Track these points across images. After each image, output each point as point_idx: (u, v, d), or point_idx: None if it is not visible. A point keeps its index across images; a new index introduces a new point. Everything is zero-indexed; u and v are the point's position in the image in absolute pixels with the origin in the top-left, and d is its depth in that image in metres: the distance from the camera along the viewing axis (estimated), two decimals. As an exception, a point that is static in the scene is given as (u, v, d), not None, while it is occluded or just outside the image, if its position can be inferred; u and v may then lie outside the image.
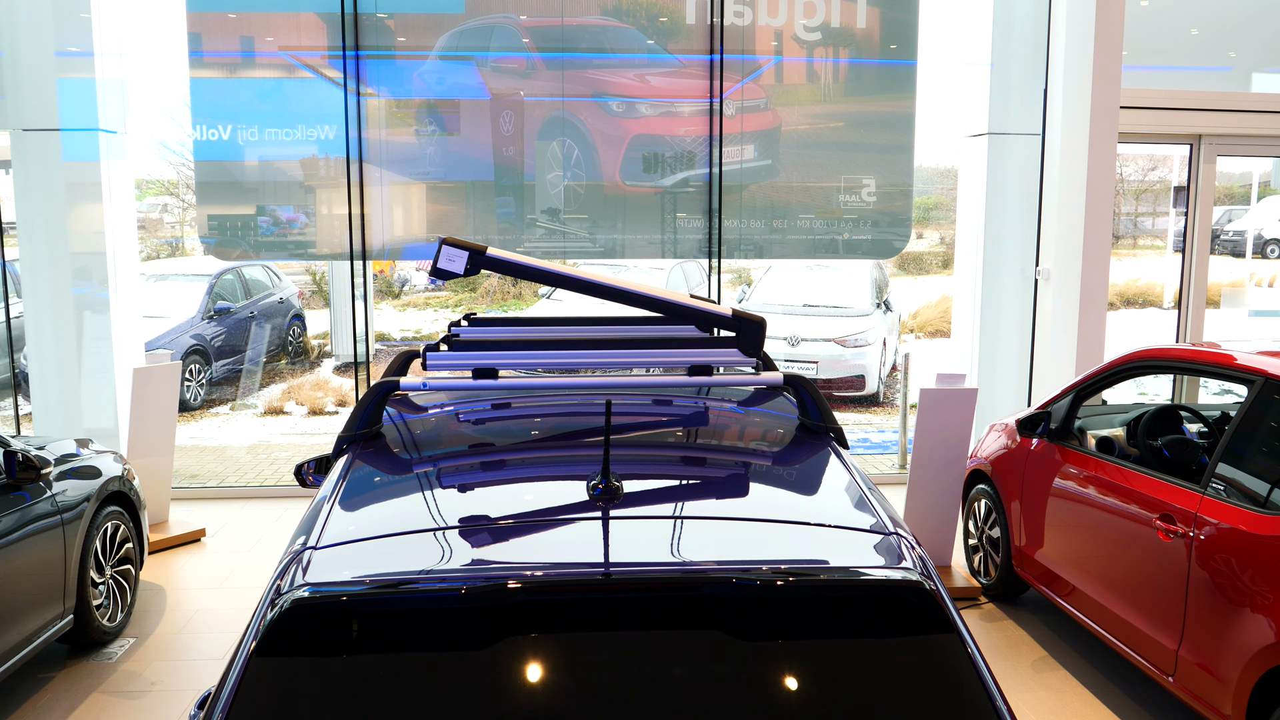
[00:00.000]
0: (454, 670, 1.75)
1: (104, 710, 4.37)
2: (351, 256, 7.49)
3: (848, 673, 1.79)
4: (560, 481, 2.28)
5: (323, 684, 1.74)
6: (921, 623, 1.82)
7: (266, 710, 1.71)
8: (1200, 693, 3.73)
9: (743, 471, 2.41)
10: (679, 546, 1.95)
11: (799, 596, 1.81)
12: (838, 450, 2.47)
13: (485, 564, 1.87)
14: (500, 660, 1.73)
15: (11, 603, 4.17)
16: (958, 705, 1.77)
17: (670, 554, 1.93)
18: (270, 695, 1.72)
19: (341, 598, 1.78)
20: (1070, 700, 4.46)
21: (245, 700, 1.70)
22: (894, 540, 1.99)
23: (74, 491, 4.72)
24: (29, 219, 7.25)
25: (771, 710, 1.74)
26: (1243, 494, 3.72)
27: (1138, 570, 4.16)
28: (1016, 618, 5.34)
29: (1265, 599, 3.44)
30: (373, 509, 2.17)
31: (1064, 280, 7.39)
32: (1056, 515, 4.84)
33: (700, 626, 1.79)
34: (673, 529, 2.02)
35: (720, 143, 7.45)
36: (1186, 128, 7.93)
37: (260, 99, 7.35)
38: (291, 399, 11.53)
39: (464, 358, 2.60)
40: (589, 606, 1.79)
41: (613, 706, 1.73)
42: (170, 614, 5.39)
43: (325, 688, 1.74)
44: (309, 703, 1.73)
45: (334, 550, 1.92)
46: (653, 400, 2.91)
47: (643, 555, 1.91)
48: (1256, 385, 3.88)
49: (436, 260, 2.53)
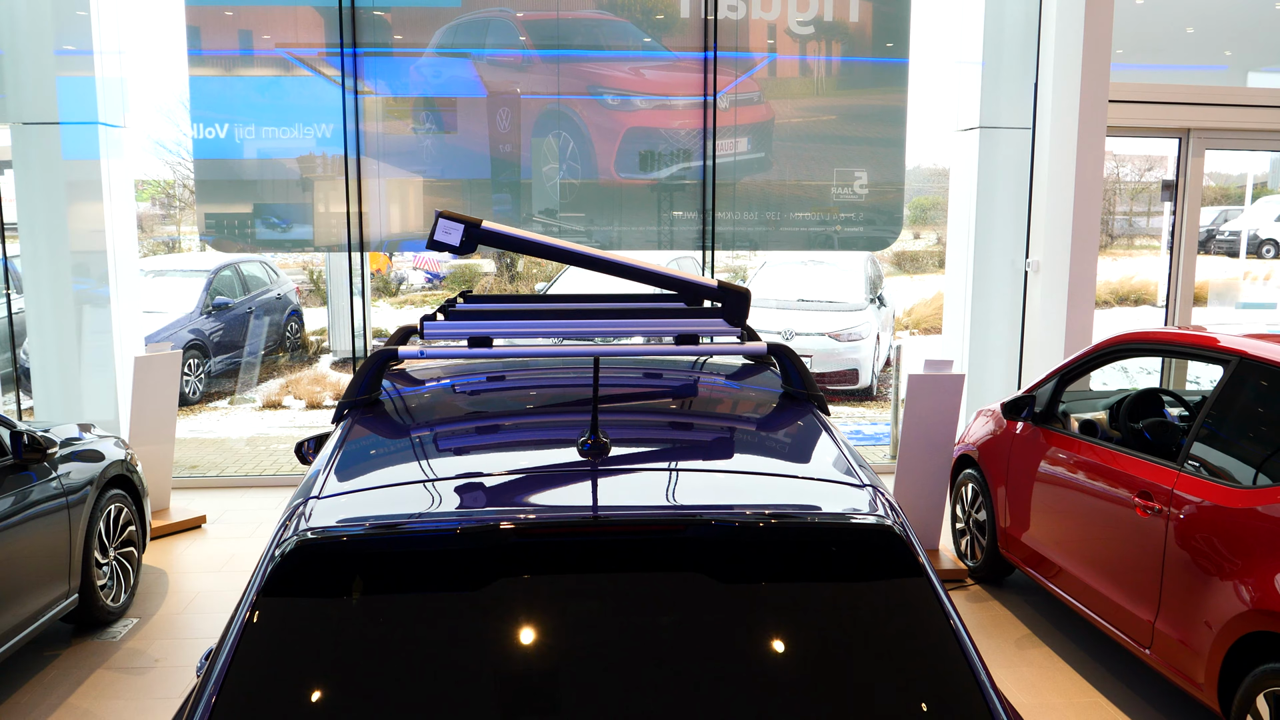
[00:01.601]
0: (450, 610, 1.85)
1: (109, 685, 4.47)
2: (350, 247, 7.59)
3: (821, 613, 1.89)
4: (551, 440, 2.39)
5: (325, 623, 1.84)
6: (891, 566, 1.93)
7: (272, 647, 1.81)
8: (1176, 663, 3.84)
9: (726, 432, 2.52)
10: (663, 494, 2.06)
11: (775, 539, 1.92)
12: (819, 415, 2.58)
13: (480, 509, 1.98)
14: (493, 600, 1.84)
15: (18, 580, 4.27)
16: (926, 643, 1.87)
17: (655, 500, 2.03)
18: (275, 633, 1.82)
19: (343, 539, 1.88)
20: (1052, 675, 4.57)
21: (252, 638, 1.80)
22: (868, 491, 2.10)
23: (78, 474, 4.82)
24: (30, 215, 7.34)
25: (748, 648, 1.85)
26: (1217, 470, 3.83)
27: (1117, 547, 4.26)
28: (1002, 598, 5.45)
29: (1237, 570, 3.54)
30: (372, 465, 2.28)
31: (1053, 272, 7.50)
32: (1039, 496, 4.94)
33: (682, 569, 1.90)
34: (658, 480, 2.13)
35: (714, 136, 7.56)
36: (1175, 121, 8.05)
37: (258, 97, 7.45)
38: (290, 393, 11.63)
39: (460, 327, 2.70)
40: (578, 549, 1.90)
41: (599, 645, 1.84)
42: (172, 596, 5.49)
43: (327, 626, 1.84)
44: (312, 640, 1.83)
45: (335, 500, 2.02)
46: (643, 372, 3.02)
47: (629, 501, 2.02)
48: (1231, 365, 3.99)
49: (433, 233, 2.63)
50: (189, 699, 1.88)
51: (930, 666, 1.85)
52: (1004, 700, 1.87)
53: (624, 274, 2.71)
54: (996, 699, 1.83)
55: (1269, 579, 3.39)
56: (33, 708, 4.26)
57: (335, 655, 1.82)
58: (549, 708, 1.77)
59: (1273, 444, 3.79)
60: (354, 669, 1.80)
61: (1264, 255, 13.51)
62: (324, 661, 1.81)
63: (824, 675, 1.84)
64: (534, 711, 1.77)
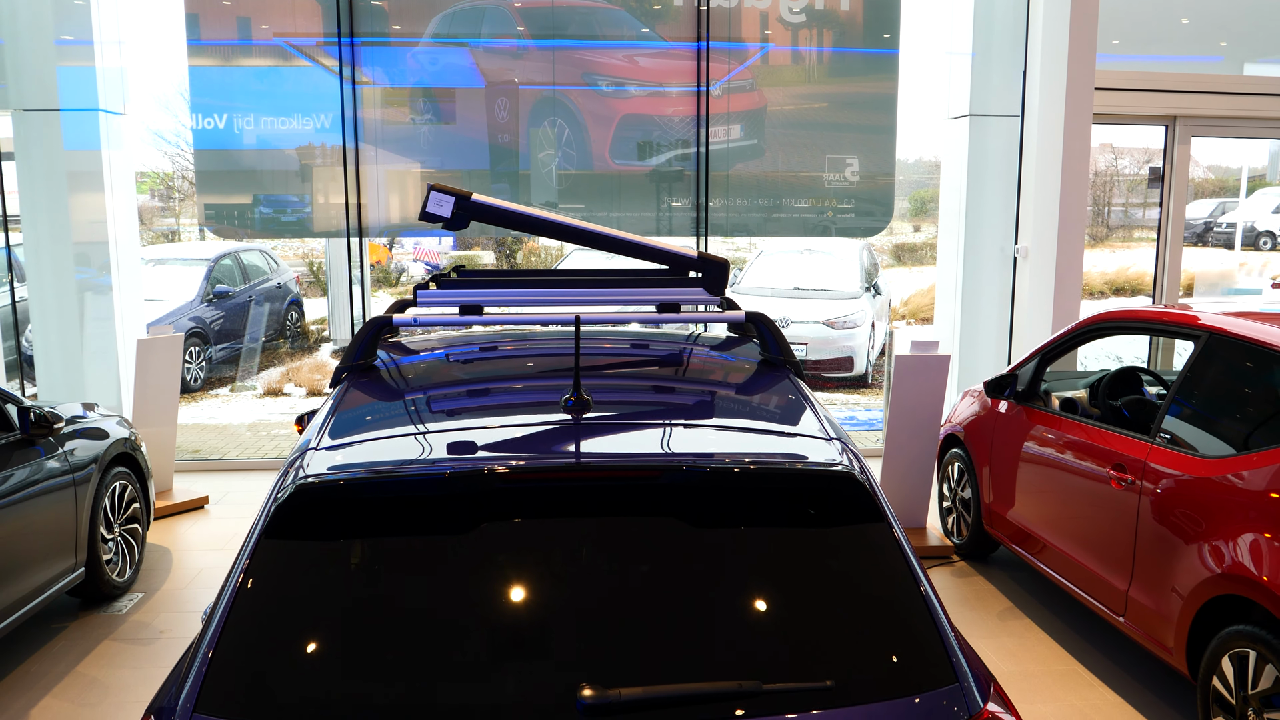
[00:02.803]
0: (440, 551, 1.98)
1: (116, 655, 4.60)
2: (349, 233, 7.71)
3: (788, 555, 2.02)
4: (536, 403, 2.52)
5: (322, 563, 1.97)
6: (854, 511, 2.06)
7: (272, 586, 1.94)
8: (1148, 629, 3.97)
9: (704, 395, 2.65)
10: (641, 445, 2.19)
11: (745, 484, 2.05)
12: (794, 380, 2.71)
13: (469, 457, 2.11)
14: (481, 542, 1.97)
15: (27, 553, 4.40)
16: (887, 583, 2.00)
17: (633, 449, 2.16)
18: (275, 573, 1.95)
19: (339, 483, 2.01)
20: (1031, 644, 4.70)
21: (254, 577, 1.93)
22: (835, 445, 2.23)
23: (84, 450, 4.94)
24: (32, 203, 7.45)
25: (719, 588, 1.98)
26: (1187, 442, 3.96)
27: (1093, 519, 4.39)
28: (986, 574, 5.58)
29: (1204, 538, 3.67)
30: (366, 423, 2.40)
31: (1041, 258, 7.62)
32: (1021, 472, 5.07)
33: (658, 514, 2.03)
34: (637, 433, 2.26)
35: (708, 123, 7.67)
36: (1161, 109, 8.16)
37: (257, 86, 7.56)
38: (290, 381, 11.76)
39: (452, 295, 2.83)
40: (560, 494, 2.03)
41: (579, 584, 1.97)
42: (176, 572, 5.62)
43: (325, 566, 1.97)
44: (310, 579, 1.96)
45: (332, 451, 2.15)
46: (628, 344, 3.14)
47: (609, 449, 2.15)
48: (1202, 340, 4.12)
49: (425, 204, 2.75)
50: (194, 641, 2.00)
51: (890, 604, 1.98)
52: (959, 635, 2.00)
53: (608, 245, 2.83)
54: (951, 633, 1.96)
55: (1233, 545, 3.52)
56: (42, 675, 4.40)
57: (332, 593, 1.95)
58: (533, 643, 1.90)
59: (1239, 416, 3.92)
60: (350, 606, 1.93)
61: (1261, 247, 13.55)
62: (321, 599, 1.94)
63: (790, 612, 1.97)
64: (519, 646, 1.90)
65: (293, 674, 1.85)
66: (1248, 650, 3.43)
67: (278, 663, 1.86)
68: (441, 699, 1.80)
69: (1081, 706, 4.14)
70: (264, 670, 1.85)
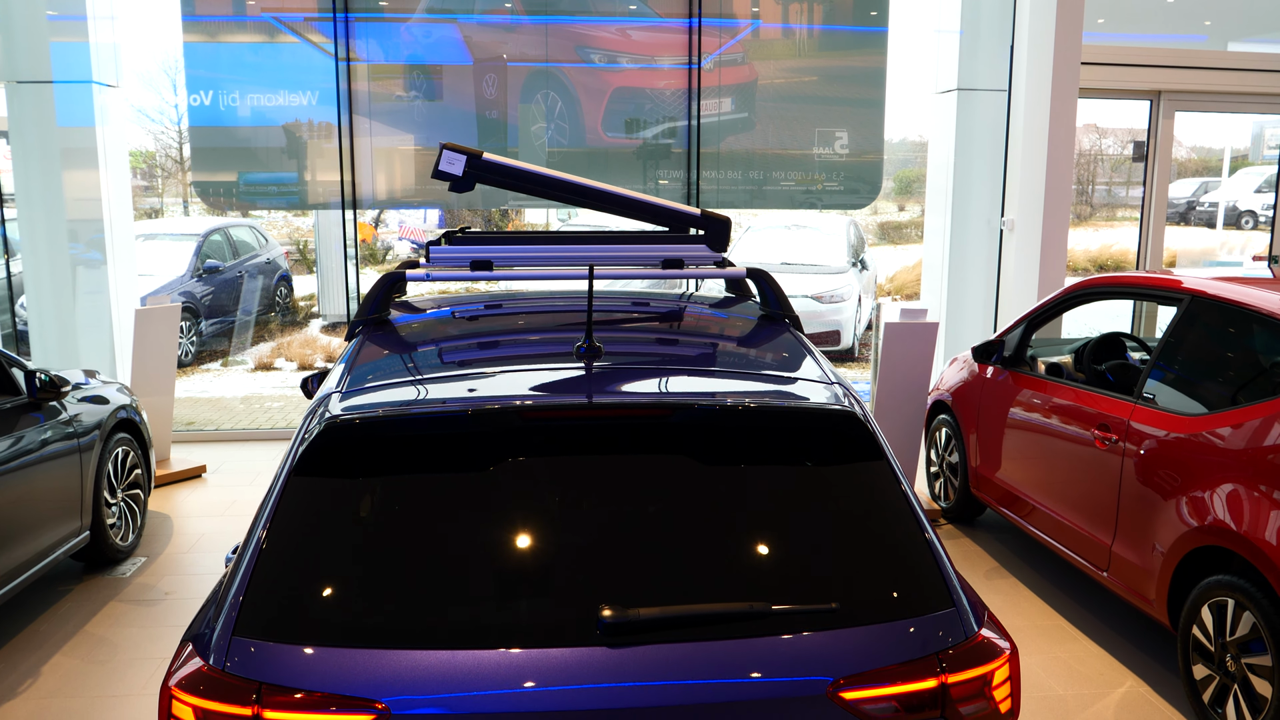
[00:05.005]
0: (464, 485, 2.08)
1: (122, 615, 4.69)
2: (343, 205, 7.75)
3: (793, 490, 2.13)
4: (548, 353, 2.61)
5: (350, 497, 2.07)
6: (856, 449, 2.16)
7: (302, 520, 2.03)
8: (1130, 583, 4.11)
9: (709, 346, 2.75)
10: (653, 388, 2.29)
11: (752, 423, 2.15)
12: (794, 333, 2.81)
13: (489, 395, 2.20)
14: (503, 476, 2.06)
15: (34, 515, 4.47)
16: (887, 516, 2.11)
17: (645, 391, 2.26)
18: (306, 508, 2.04)
19: (366, 421, 2.10)
20: (1016, 601, 4.84)
21: (285, 512, 2.02)
22: (837, 388, 2.33)
23: (88, 415, 5.00)
24: (26, 178, 7.45)
25: (727, 523, 2.08)
26: (1169, 401, 4.08)
27: (1079, 479, 4.53)
28: (973, 536, 5.73)
29: (1184, 492, 3.81)
30: (386, 368, 2.49)
31: (1027, 229, 7.74)
32: (1008, 435, 5.20)
33: (669, 452, 2.13)
34: (648, 377, 2.36)
35: (699, 97, 7.73)
36: (1146, 84, 8.28)
37: (250, 62, 7.58)
38: (281, 355, 11.79)
39: (464, 251, 2.91)
40: (577, 432, 2.13)
41: (596, 516, 2.07)
42: (178, 537, 5.70)
43: (352, 500, 2.06)
44: (338, 512, 2.05)
45: (354, 395, 2.25)
46: (632, 301, 3.24)
47: (622, 390, 2.25)
48: (1184, 303, 4.24)
49: (438, 163, 2.83)
50: (225, 577, 2.09)
51: (889, 535, 2.09)
52: (955, 569, 2.11)
53: (615, 203, 2.91)
54: (948, 563, 2.07)
55: (1214, 498, 3.65)
56: (51, 635, 4.48)
57: (359, 525, 2.05)
58: (555, 569, 2.00)
59: (1220, 376, 4.05)
60: (377, 536, 2.03)
61: (1243, 226, 13.68)
62: (349, 531, 2.03)
63: (796, 543, 2.08)
64: (542, 572, 2.00)
65: (324, 599, 1.95)
66: (1226, 599, 3.57)
67: (310, 589, 1.96)
68: (468, 620, 1.91)
69: (1065, 658, 4.28)
70: (298, 596, 1.95)
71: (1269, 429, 3.51)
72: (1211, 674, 3.66)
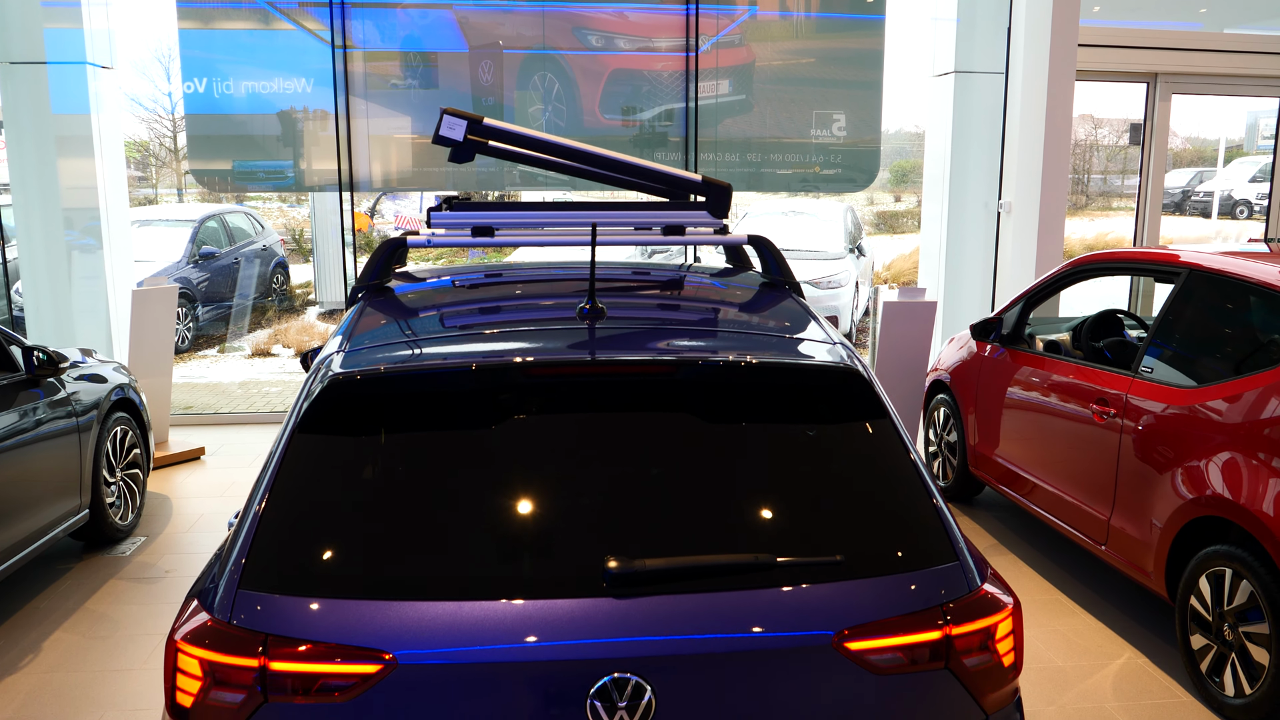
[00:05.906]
0: (470, 440, 2.08)
1: (123, 592, 4.69)
2: (340, 188, 7.73)
3: (798, 446, 2.13)
4: (551, 316, 2.61)
5: (353, 453, 2.07)
6: (860, 406, 2.17)
7: (307, 476, 2.03)
8: (1128, 555, 4.13)
9: (712, 311, 2.75)
10: (656, 347, 2.29)
11: (756, 381, 2.15)
12: (796, 298, 2.81)
13: (494, 348, 2.20)
14: (509, 432, 2.07)
15: (34, 492, 4.46)
16: (891, 472, 2.12)
17: (648, 349, 2.27)
18: (310, 464, 2.04)
19: (371, 375, 2.10)
20: (1015, 577, 4.86)
21: (289, 469, 2.02)
22: (839, 348, 2.34)
23: (87, 393, 5.00)
24: (20, 162, 7.42)
25: (732, 477, 2.09)
26: (1167, 375, 4.10)
27: (1077, 454, 4.54)
28: (972, 514, 5.74)
29: (1182, 464, 3.82)
30: (388, 330, 2.49)
31: (1024, 211, 7.74)
32: (1006, 413, 5.21)
33: (673, 409, 2.13)
34: (650, 336, 2.36)
35: (696, 79, 7.72)
36: (1143, 66, 8.28)
37: (246, 50, 7.56)
38: (278, 342, 11.78)
39: (465, 217, 2.91)
40: (582, 389, 2.13)
41: (602, 471, 2.07)
42: (177, 517, 5.70)
43: (356, 456, 2.06)
44: (342, 468, 2.05)
45: (357, 353, 2.25)
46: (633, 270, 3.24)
47: (625, 348, 2.25)
48: (1182, 276, 4.25)
49: (438, 128, 2.82)
50: (229, 536, 2.09)
51: (894, 491, 2.10)
52: (957, 524, 2.12)
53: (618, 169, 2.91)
54: (951, 519, 2.08)
55: (1212, 469, 3.67)
56: (51, 611, 4.48)
57: (363, 480, 2.05)
58: (561, 522, 2.00)
59: (1217, 348, 4.07)
60: (381, 491, 2.03)
61: (1237, 216, 13.72)
62: (353, 486, 2.04)
63: (801, 498, 2.08)
64: (548, 525, 2.00)
65: (329, 553, 1.95)
66: (1224, 568, 3.59)
67: (314, 543, 1.96)
68: (474, 572, 1.91)
69: (1064, 631, 4.30)
70: (302, 550, 1.95)
71: (1267, 400, 3.53)
72: (1209, 643, 3.68)
